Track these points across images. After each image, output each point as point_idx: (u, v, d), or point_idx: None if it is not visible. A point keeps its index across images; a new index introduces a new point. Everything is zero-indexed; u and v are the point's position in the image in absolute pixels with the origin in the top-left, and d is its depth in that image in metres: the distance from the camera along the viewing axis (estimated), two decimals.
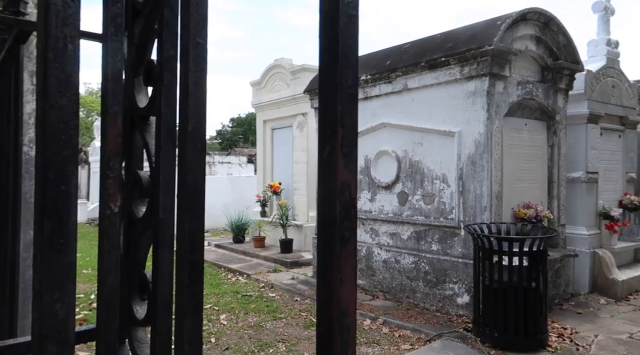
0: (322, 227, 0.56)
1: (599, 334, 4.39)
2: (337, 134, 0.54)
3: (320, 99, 0.59)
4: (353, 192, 0.56)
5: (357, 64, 0.58)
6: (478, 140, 5.01)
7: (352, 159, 0.56)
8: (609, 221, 6.07)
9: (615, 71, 6.55)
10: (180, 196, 0.62)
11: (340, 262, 0.53)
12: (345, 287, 0.54)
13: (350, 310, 0.54)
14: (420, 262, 5.47)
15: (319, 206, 0.58)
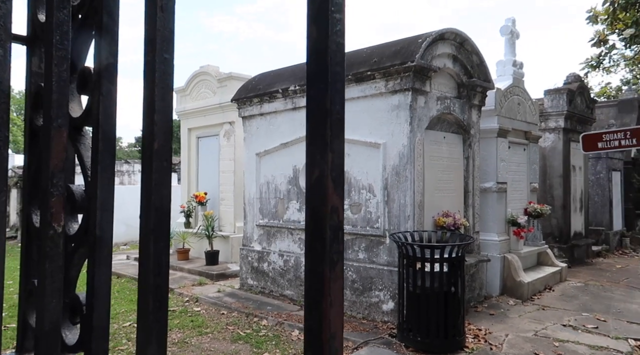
0: (311, 250, 0.56)
1: (509, 333, 4.73)
2: (327, 158, 0.55)
3: (308, 124, 0.60)
4: (341, 215, 0.57)
5: (344, 90, 0.59)
6: (402, 152, 5.23)
7: (340, 183, 0.57)
8: (517, 228, 6.60)
9: (520, 90, 7.17)
10: (145, 216, 0.59)
11: (330, 285, 0.54)
12: (334, 309, 0.54)
13: (338, 333, 0.55)
14: (347, 270, 5.57)
15: (307, 230, 0.58)
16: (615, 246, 10.34)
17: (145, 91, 0.61)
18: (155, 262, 0.58)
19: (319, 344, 0.52)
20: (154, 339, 0.58)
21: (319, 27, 0.55)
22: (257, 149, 6.89)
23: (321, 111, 0.56)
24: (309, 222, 0.56)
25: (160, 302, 0.59)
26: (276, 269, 6.45)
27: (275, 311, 5.55)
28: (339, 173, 0.55)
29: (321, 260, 0.53)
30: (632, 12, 6.26)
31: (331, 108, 0.56)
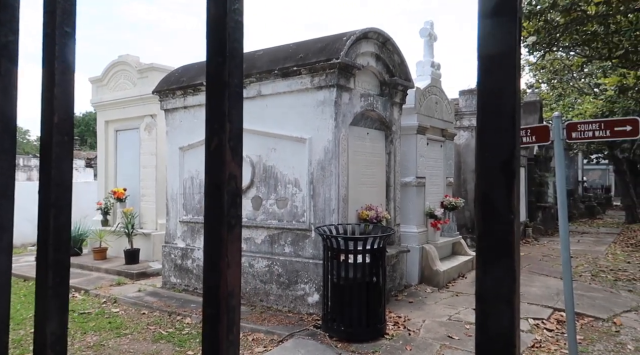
0: (210, 215, 0.59)
1: (426, 319, 5.03)
2: (225, 128, 0.57)
3: (207, 96, 0.62)
4: (239, 182, 0.59)
5: (242, 66, 0.62)
6: (327, 147, 5.34)
7: (238, 152, 0.60)
8: (434, 220, 7.00)
9: (438, 89, 7.59)
10: (44, 191, 0.57)
11: (228, 246, 0.56)
12: (231, 270, 0.57)
13: (236, 292, 0.58)
14: (273, 265, 5.60)
15: (206, 196, 0.60)
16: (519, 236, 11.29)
17: (44, 65, 0.59)
18: (55, 237, 0.57)
19: (217, 300, 0.56)
20: (55, 315, 0.57)
21: (217, 4, 0.58)
22: (181, 143, 6.68)
23: (220, 83, 0.59)
24: (207, 188, 0.58)
25: (61, 277, 0.58)
26: (200, 266, 6.30)
27: (199, 308, 5.43)
28: (237, 143, 0.59)
29: (220, 224, 0.56)
30: (534, 21, 6.86)
31: (229, 81, 0.59)
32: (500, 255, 0.51)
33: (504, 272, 0.51)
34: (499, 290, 0.51)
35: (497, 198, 0.51)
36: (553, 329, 4.81)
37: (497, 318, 0.51)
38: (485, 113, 0.53)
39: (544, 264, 8.21)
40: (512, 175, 0.51)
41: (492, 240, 0.52)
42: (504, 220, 0.51)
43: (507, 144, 0.51)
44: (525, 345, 4.28)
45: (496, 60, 0.51)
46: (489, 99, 0.52)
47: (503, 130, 0.51)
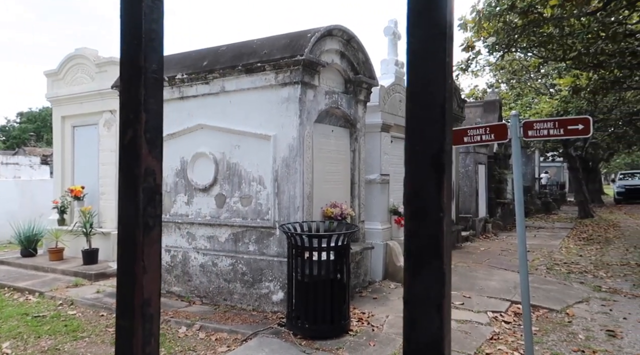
0: (124, 215, 0.54)
1: (389, 314, 5.09)
2: (141, 118, 0.52)
3: (121, 83, 0.56)
4: (158, 178, 0.54)
5: (163, 50, 0.56)
6: (292, 145, 5.32)
7: (157, 145, 0.54)
8: (398, 216, 7.10)
9: (401, 88, 7.69)
10: None
11: (144, 249, 0.52)
12: (149, 275, 0.52)
13: (154, 298, 0.53)
14: (237, 263, 5.54)
15: (120, 194, 0.55)
16: (480, 231, 11.64)
17: None
18: None
19: (131, 310, 0.52)
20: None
21: None
22: None
23: (134, 69, 0.53)
24: (120, 185, 0.54)
25: None
26: (163, 265, 6.16)
27: (161, 309, 5.31)
28: (155, 135, 0.54)
29: (134, 225, 0.52)
30: (494, 22, 7.06)
31: (145, 65, 0.53)
32: (429, 257, 0.48)
33: (433, 275, 0.48)
34: (428, 294, 0.48)
35: (426, 195, 0.48)
36: (510, 321, 4.98)
37: (425, 325, 0.48)
38: (413, 104, 0.50)
39: (502, 259, 8.48)
40: (441, 170, 0.48)
41: (421, 241, 0.49)
42: (433, 219, 0.48)
43: (437, 137, 0.48)
44: (484, 338, 4.40)
45: (425, 48, 0.49)
46: (418, 88, 0.49)
47: (433, 121, 0.48)
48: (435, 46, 0.48)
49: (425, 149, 0.48)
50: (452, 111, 0.49)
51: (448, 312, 0.48)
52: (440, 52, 0.48)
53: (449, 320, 0.49)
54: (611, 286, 6.49)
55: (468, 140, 4.14)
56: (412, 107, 0.49)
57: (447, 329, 0.48)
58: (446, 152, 0.48)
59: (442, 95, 0.48)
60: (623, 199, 25.25)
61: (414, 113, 0.49)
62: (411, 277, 0.49)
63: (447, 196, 0.48)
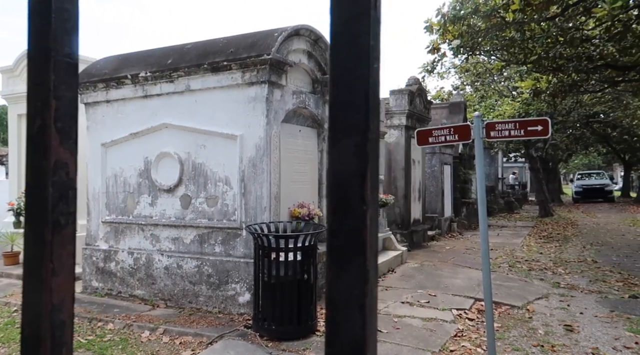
0: (31, 212, 0.49)
1: None
2: (50, 106, 0.48)
3: (28, 68, 0.51)
4: (72, 172, 0.50)
5: (78, 33, 0.52)
6: (258, 144, 5.27)
7: (70, 135, 0.50)
8: None
9: None
10: None
11: (54, 249, 0.47)
12: (59, 278, 0.48)
13: (67, 304, 0.48)
14: (203, 265, 5.44)
15: (27, 189, 0.50)
16: (445, 230, 11.86)
17: None
18: None
19: (38, 316, 0.47)
20: None
21: None
22: (103, 139, 6.30)
23: (42, 52, 0.49)
24: (28, 179, 0.50)
25: None
26: (125, 268, 5.99)
27: (123, 313, 5.16)
28: (69, 124, 0.49)
29: (43, 222, 0.48)
30: (458, 26, 7.21)
31: (56, 48, 0.49)
32: (352, 254, 0.45)
33: (356, 273, 0.45)
34: (351, 294, 0.45)
35: (349, 187, 0.45)
36: (474, 318, 5.08)
37: (348, 326, 0.45)
38: (336, 89, 0.46)
39: (467, 257, 8.66)
40: (366, 160, 0.45)
41: (344, 237, 0.46)
42: (356, 213, 0.45)
43: (361, 125, 0.45)
44: (449, 335, 4.48)
45: (348, 29, 0.45)
46: (340, 73, 0.46)
47: (356, 108, 0.45)
48: (359, 28, 0.45)
49: (348, 137, 0.45)
50: (378, 97, 0.47)
51: (372, 312, 0.46)
52: (364, 34, 0.45)
53: (373, 321, 0.46)
54: (569, 282, 6.73)
55: (433, 140, 4.20)
56: (335, 93, 0.46)
57: (370, 330, 0.46)
58: (371, 140, 0.45)
59: (367, 80, 0.45)
60: (581, 198, 26.32)
61: (336, 99, 0.46)
62: (333, 276, 0.46)
63: (372, 188, 0.45)
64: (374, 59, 0.45)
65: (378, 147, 0.47)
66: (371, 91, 0.45)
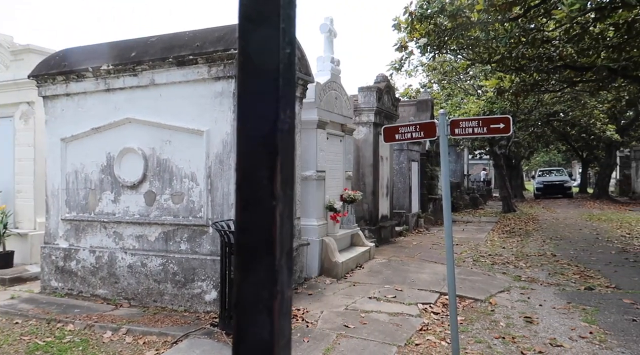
0: None
1: (324, 310, 5.13)
2: None
3: None
4: None
5: None
6: (225, 140, 5.19)
7: None
8: (333, 213, 7.17)
9: (337, 85, 7.76)
10: None
11: None
12: None
13: None
14: (168, 263, 5.33)
15: None
16: (413, 226, 12.05)
17: None
18: None
19: None
20: None
21: None
22: (63, 134, 6.08)
23: None
24: None
25: None
26: (87, 267, 5.81)
27: (84, 313, 5.00)
28: None
29: None
30: (425, 24, 7.31)
31: None
32: (261, 253, 0.43)
33: (264, 274, 0.42)
34: (259, 297, 0.43)
35: (257, 182, 0.43)
36: (439, 312, 5.19)
37: (256, 330, 0.43)
38: (244, 75, 0.43)
39: (433, 252, 8.83)
40: (275, 152, 0.42)
41: (251, 235, 0.43)
42: (265, 209, 0.42)
43: (270, 114, 0.42)
44: (414, 329, 4.55)
45: (257, 10, 0.43)
46: (249, 57, 0.43)
47: (265, 96, 0.42)
48: (268, 9, 0.42)
49: (256, 127, 0.42)
50: (291, 85, 0.44)
51: (283, 316, 0.43)
52: (274, 15, 0.42)
53: (284, 325, 0.44)
54: (530, 276, 6.96)
55: (399, 137, 4.24)
56: (243, 80, 0.43)
57: (280, 335, 0.43)
58: (281, 131, 0.42)
59: (276, 65, 0.42)
60: (542, 194, 27.26)
61: (244, 86, 0.43)
62: (241, 277, 0.43)
63: (283, 182, 0.43)
64: (287, 43, 0.42)
65: (292, 138, 0.44)
66: (283, 78, 0.42)
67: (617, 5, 6.26)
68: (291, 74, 0.42)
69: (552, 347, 4.18)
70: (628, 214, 16.47)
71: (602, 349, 4.11)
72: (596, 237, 11.11)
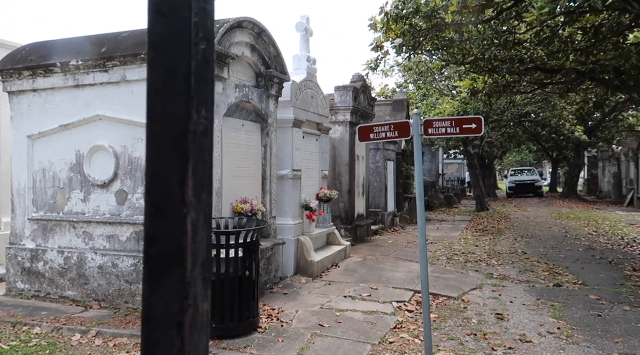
0: None
1: (299, 309, 5.12)
2: None
3: None
4: None
5: None
6: None
7: None
8: (309, 212, 7.16)
9: (313, 84, 7.75)
10: None
11: None
12: None
13: None
14: (140, 263, 5.22)
15: None
16: (388, 225, 12.16)
17: None
18: None
19: None
20: None
21: None
22: (30, 131, 5.89)
23: None
24: None
25: None
26: (55, 268, 5.65)
27: (52, 316, 4.86)
28: None
29: None
30: (400, 24, 7.36)
31: None
32: (170, 265, 0.39)
33: (174, 287, 0.39)
34: (168, 311, 0.39)
35: (167, 188, 0.39)
36: (413, 310, 5.24)
37: (164, 347, 0.39)
38: (153, 73, 0.40)
39: (408, 251, 8.92)
40: (186, 156, 0.39)
41: (161, 245, 0.40)
42: (175, 217, 0.39)
43: (181, 114, 0.39)
44: (389, 327, 4.59)
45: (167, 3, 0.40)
46: (158, 54, 0.40)
47: (175, 95, 0.39)
48: (179, 1, 0.39)
49: (166, 129, 0.39)
50: (207, 83, 0.40)
51: (195, 332, 0.40)
52: (184, 8, 0.39)
53: (198, 340, 0.40)
54: (501, 273, 7.10)
55: (374, 136, 4.26)
56: (152, 77, 0.40)
57: (191, 351, 0.39)
58: (194, 132, 0.39)
59: (187, 62, 0.39)
60: (514, 193, 27.90)
61: (154, 84, 0.40)
62: (149, 290, 0.40)
63: (196, 188, 0.39)
64: (201, 38, 0.39)
65: (208, 140, 0.41)
66: (196, 76, 0.39)
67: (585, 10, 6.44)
68: (208, 71, 0.40)
69: (522, 342, 4.27)
70: (595, 212, 17.01)
71: (568, 344, 4.23)
72: (565, 235, 11.43)
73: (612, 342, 4.27)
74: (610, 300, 5.59)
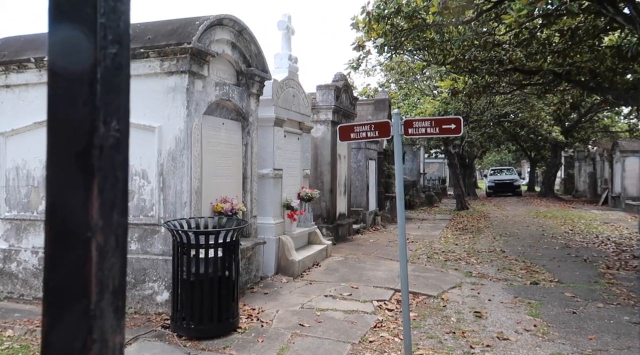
0: None
1: (279, 309, 5.10)
2: None
3: None
4: None
5: None
6: (178, 137, 5.05)
7: None
8: (290, 211, 7.13)
9: (295, 83, 7.72)
10: None
11: None
12: None
13: None
14: None
15: None
16: (370, 224, 12.20)
17: None
18: None
19: None
20: None
21: None
22: (2, 128, 5.73)
23: None
24: None
25: None
26: (29, 268, 5.51)
27: (25, 318, 4.74)
28: None
29: None
30: (382, 24, 7.39)
31: None
32: (73, 296, 0.35)
33: (76, 321, 0.35)
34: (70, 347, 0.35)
35: (69, 209, 0.35)
36: (393, 308, 5.26)
37: None
38: (55, 79, 0.36)
39: (389, 249, 8.97)
40: (91, 173, 0.35)
41: (61, 275, 0.35)
42: (78, 242, 0.34)
43: (86, 126, 0.35)
44: (369, 327, 4.60)
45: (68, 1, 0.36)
46: (59, 58, 0.36)
47: (79, 105, 0.35)
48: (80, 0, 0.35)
49: (68, 143, 0.35)
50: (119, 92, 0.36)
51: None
52: (88, 7, 0.35)
53: None
54: (480, 271, 7.19)
55: (355, 136, 4.26)
56: (54, 85, 0.36)
57: None
58: (99, 147, 0.35)
59: (93, 68, 0.35)
60: (493, 193, 28.32)
61: (55, 93, 0.36)
62: (48, 326, 0.36)
63: (105, 208, 0.35)
64: (110, 42, 0.36)
65: (121, 154, 0.36)
66: (103, 83, 0.35)
67: (562, 13, 6.56)
68: (120, 78, 0.36)
69: (500, 340, 4.33)
70: (571, 211, 17.37)
71: (544, 341, 4.30)
72: (542, 233, 11.64)
73: (586, 339, 4.36)
74: (585, 298, 5.71)
